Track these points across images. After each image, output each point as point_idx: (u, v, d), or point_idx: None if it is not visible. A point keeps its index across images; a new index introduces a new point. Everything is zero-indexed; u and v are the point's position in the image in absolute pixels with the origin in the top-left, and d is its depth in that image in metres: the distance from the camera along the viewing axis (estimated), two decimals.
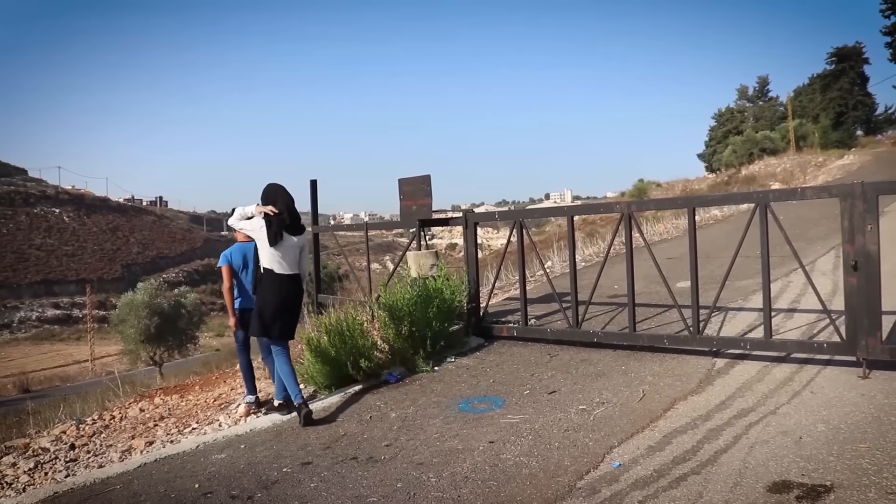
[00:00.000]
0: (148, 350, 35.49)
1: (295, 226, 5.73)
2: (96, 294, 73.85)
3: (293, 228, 5.71)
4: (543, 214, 9.58)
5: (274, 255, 5.64)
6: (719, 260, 10.16)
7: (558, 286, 7.83)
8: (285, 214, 5.64)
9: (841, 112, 65.55)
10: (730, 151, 58.52)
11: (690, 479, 3.74)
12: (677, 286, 8.08)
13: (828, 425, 4.34)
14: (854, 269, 5.24)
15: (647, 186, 52.65)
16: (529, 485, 3.89)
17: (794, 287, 8.50)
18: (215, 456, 4.89)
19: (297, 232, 5.75)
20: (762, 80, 76.06)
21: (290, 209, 5.74)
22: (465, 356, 7.01)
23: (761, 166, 46.37)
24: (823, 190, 5.83)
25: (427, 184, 8.20)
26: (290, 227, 5.68)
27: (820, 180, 31.36)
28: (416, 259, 7.78)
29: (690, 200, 6.76)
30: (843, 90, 66.48)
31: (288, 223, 5.65)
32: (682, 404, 5.00)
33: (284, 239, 5.64)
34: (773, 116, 69.64)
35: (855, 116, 66.51)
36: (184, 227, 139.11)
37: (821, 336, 6.25)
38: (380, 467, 4.36)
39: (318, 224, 10.76)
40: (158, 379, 19.46)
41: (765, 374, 5.52)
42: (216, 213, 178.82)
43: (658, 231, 17.04)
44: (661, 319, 7.48)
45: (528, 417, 5.01)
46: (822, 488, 3.50)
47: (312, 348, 6.43)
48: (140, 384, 11.82)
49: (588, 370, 6.12)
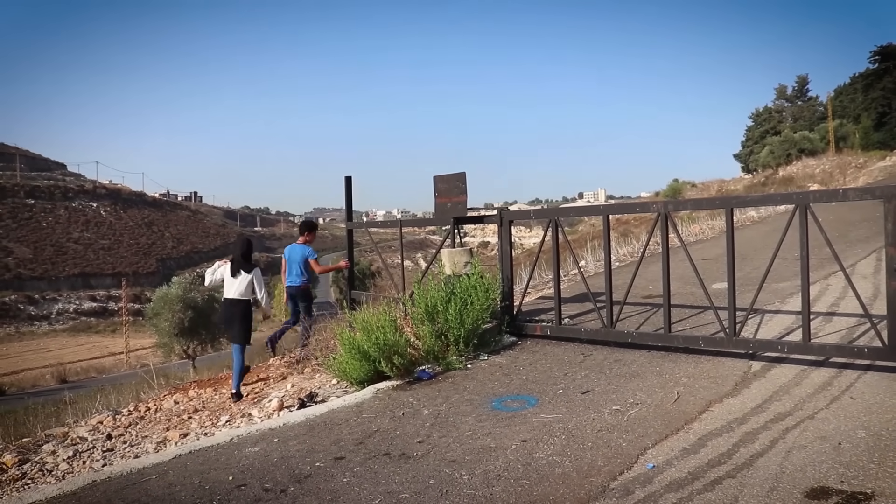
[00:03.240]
0: (181, 343, 35.90)
1: (245, 266, 8.11)
2: (131, 287, 74.89)
3: (244, 268, 8.10)
4: (579, 213, 9.53)
5: (228, 285, 8.15)
6: (756, 262, 10.03)
7: (592, 286, 7.78)
8: (236, 259, 8.17)
9: (883, 112, 64.28)
10: (767, 152, 57.71)
11: (726, 483, 3.69)
12: (713, 287, 7.99)
13: (868, 432, 4.26)
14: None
15: (682, 186, 52.15)
16: (562, 484, 3.86)
17: (833, 290, 8.36)
18: (249, 449, 4.92)
19: (247, 270, 8.10)
20: (801, 79, 74.90)
21: (243, 255, 8.27)
22: (498, 354, 6.99)
23: (799, 167, 45.73)
24: (866, 191, 5.73)
25: (462, 181, 8.19)
26: (242, 267, 8.09)
27: (860, 182, 30.83)
28: (450, 256, 7.77)
29: (728, 201, 6.68)
30: (887, 90, 65.14)
31: (240, 264, 8.10)
32: (717, 407, 4.94)
33: (239, 275, 8.03)
34: (813, 116, 68.55)
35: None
36: (218, 222, 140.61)
37: (861, 340, 6.14)
38: (412, 464, 4.36)
39: (351, 220, 10.80)
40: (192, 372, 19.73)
41: (802, 378, 5.44)
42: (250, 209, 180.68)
43: (693, 232, 16.88)
44: (696, 321, 7.40)
45: (561, 417, 4.99)
46: (863, 496, 3.43)
47: (346, 344, 6.46)
48: (174, 377, 11.96)
49: (622, 370, 6.08)
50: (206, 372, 15.88)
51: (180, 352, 36.12)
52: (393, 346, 6.26)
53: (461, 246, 8.72)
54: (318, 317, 9.39)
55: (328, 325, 8.74)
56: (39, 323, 79.70)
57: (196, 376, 13.15)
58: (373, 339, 6.26)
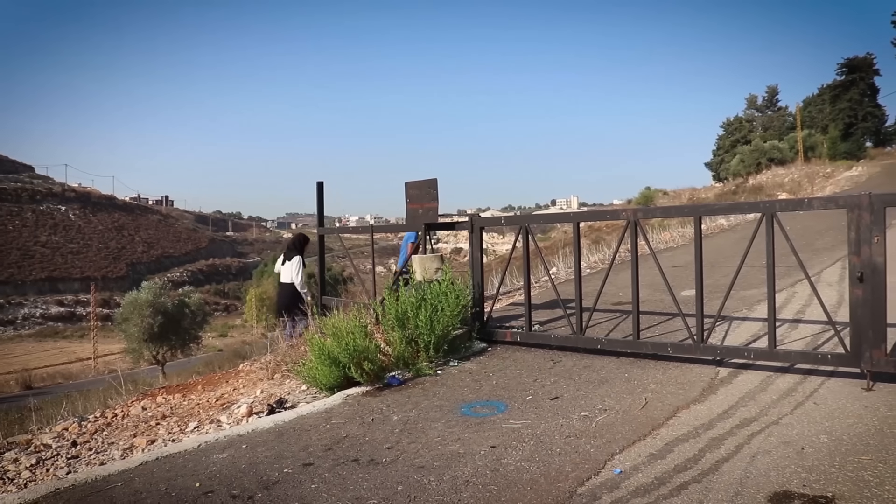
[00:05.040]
0: (151, 349, 35.59)
1: (290, 254, 10.08)
2: (100, 292, 74.05)
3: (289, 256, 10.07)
4: (549, 220, 9.56)
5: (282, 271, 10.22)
6: (725, 269, 10.15)
7: (563, 292, 7.82)
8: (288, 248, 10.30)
9: (850, 123, 65.44)
10: (737, 161, 58.44)
11: (691, 488, 3.73)
12: (682, 294, 8.07)
13: (830, 437, 4.32)
14: (860, 280, 5.22)
15: (654, 194, 52.61)
16: (530, 490, 3.88)
17: (800, 297, 8.49)
18: (217, 455, 4.88)
19: (289, 258, 10.06)
20: (771, 89, 76.03)
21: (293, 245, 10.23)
22: (469, 360, 7.01)
23: (769, 176, 46.35)
24: (830, 201, 5.81)
25: (434, 187, 8.20)
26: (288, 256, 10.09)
27: (828, 191, 31.30)
28: (421, 262, 7.78)
29: (697, 209, 6.76)
30: (853, 101, 66.36)
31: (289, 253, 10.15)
32: (684, 412, 4.98)
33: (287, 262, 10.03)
34: (782, 126, 69.55)
35: (864, 128, 66.40)
36: (189, 226, 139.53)
37: (825, 347, 6.24)
38: (381, 470, 4.35)
39: (323, 226, 10.76)
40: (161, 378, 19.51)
41: (768, 384, 5.51)
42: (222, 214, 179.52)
43: (664, 239, 17.05)
44: (665, 327, 7.47)
45: (530, 423, 5.00)
46: (824, 500, 3.48)
47: (316, 350, 6.43)
48: (143, 383, 11.82)
49: (591, 377, 6.11)
50: (175, 378, 15.73)
51: (150, 357, 35.78)
52: (363, 352, 6.24)
53: (432, 252, 8.72)
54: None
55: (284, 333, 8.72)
56: (4, 328, 78.53)
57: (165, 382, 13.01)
58: (343, 344, 6.24)
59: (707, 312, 6.26)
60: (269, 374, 8.00)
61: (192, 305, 41.81)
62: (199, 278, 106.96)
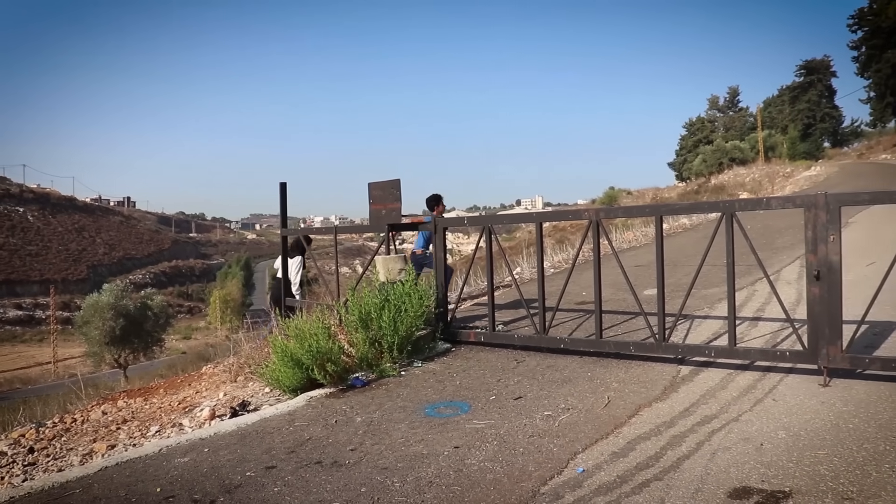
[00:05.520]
0: (112, 352, 35.12)
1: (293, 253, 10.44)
2: (60, 295, 72.88)
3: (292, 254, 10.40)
4: (512, 220, 9.61)
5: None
6: (687, 268, 10.27)
7: (527, 292, 7.84)
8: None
9: (809, 124, 66.73)
10: (700, 161, 59.21)
11: (653, 486, 3.76)
12: (645, 293, 8.14)
13: (788, 432, 4.39)
14: (816, 278, 5.31)
15: (618, 194, 53.12)
16: (493, 490, 3.88)
17: (760, 296, 8.60)
18: (178, 459, 4.82)
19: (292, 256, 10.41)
20: (733, 90, 77.17)
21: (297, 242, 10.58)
22: (433, 361, 7.00)
23: (730, 176, 47.01)
24: (788, 200, 5.90)
25: (397, 188, 8.18)
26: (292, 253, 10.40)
27: (787, 190, 31.80)
28: (384, 263, 7.75)
29: (658, 209, 6.82)
30: (812, 102, 67.68)
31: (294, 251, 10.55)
32: (646, 411, 5.03)
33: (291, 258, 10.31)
34: (743, 127, 70.63)
35: (822, 128, 67.75)
36: (152, 228, 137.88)
37: (784, 344, 6.33)
38: (344, 472, 4.32)
39: (286, 227, 10.67)
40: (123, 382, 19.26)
41: (728, 382, 5.57)
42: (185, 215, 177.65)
43: (627, 239, 17.20)
44: (627, 326, 7.53)
45: (493, 423, 5.01)
46: (781, 494, 3.53)
47: (278, 351, 6.39)
48: (104, 387, 11.68)
49: (554, 376, 6.14)
50: (137, 381, 15.52)
51: (111, 361, 35.30)
52: (326, 353, 6.21)
53: (397, 253, 8.71)
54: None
55: (261, 332, 8.65)
56: None
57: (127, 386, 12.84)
58: (306, 346, 6.20)
59: (669, 311, 6.32)
60: (233, 377, 7.94)
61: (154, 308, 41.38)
62: (162, 280, 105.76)
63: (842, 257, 5.28)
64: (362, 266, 9.89)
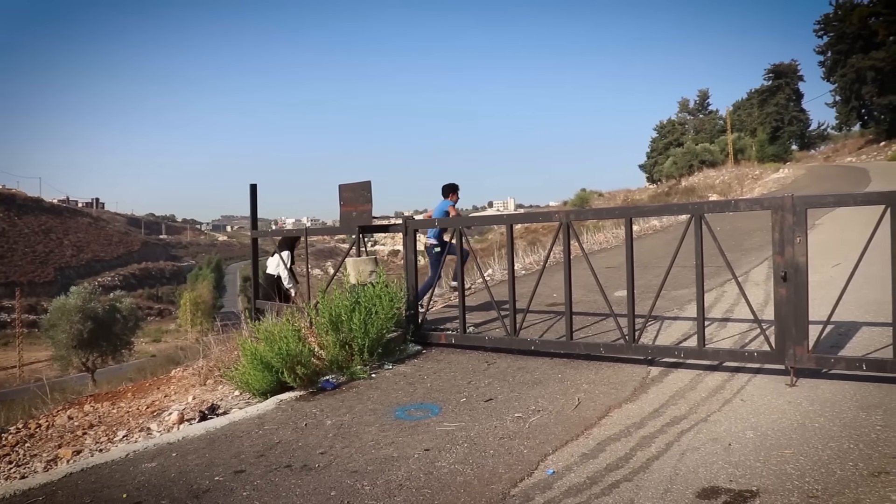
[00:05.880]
0: (80, 356, 34.68)
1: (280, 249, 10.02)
2: (26, 298, 71.76)
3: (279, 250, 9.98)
4: (483, 222, 9.62)
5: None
6: (657, 269, 10.32)
7: (498, 294, 7.85)
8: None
9: (777, 127, 67.64)
10: (670, 163, 59.73)
11: (623, 486, 3.77)
12: (615, 295, 8.18)
13: (756, 432, 4.43)
14: (784, 279, 5.37)
15: (590, 196, 53.42)
16: (464, 492, 3.87)
17: (729, 297, 8.68)
18: (145, 465, 4.75)
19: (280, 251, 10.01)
20: (703, 93, 78.06)
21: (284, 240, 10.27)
22: (403, 363, 6.97)
23: (701, 178, 47.46)
24: (755, 202, 5.97)
25: (367, 190, 8.15)
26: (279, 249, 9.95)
27: (756, 192, 32.17)
28: (355, 265, 7.71)
29: (627, 211, 6.86)
30: (780, 106, 68.61)
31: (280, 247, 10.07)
32: (616, 412, 5.05)
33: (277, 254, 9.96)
34: (713, 129, 71.39)
35: (790, 131, 68.69)
36: (121, 229, 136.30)
37: (752, 345, 6.38)
38: (314, 475, 4.30)
39: (256, 229, 10.61)
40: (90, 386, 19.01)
41: (697, 383, 5.61)
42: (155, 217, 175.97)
43: (599, 240, 17.26)
44: (597, 328, 7.55)
45: (464, 425, 5.01)
46: (749, 493, 3.56)
47: (248, 354, 6.33)
48: (70, 391, 11.46)
49: (525, 378, 6.14)
50: (105, 385, 15.33)
51: (79, 364, 34.85)
52: (296, 356, 6.17)
53: (368, 254, 8.68)
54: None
55: (232, 335, 8.58)
56: None
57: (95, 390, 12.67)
58: (276, 349, 6.15)
59: (639, 312, 6.35)
60: (202, 380, 7.86)
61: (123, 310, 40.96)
62: (132, 282, 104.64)
63: (808, 259, 5.35)
64: (333, 268, 9.88)
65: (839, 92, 58.54)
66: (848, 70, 55.73)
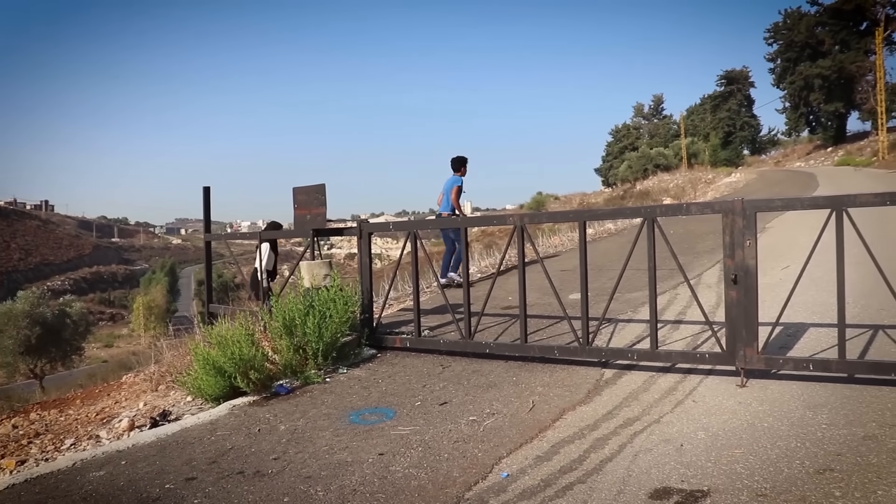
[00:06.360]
0: (27, 362, 33.87)
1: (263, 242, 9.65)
2: None
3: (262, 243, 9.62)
4: (438, 225, 9.56)
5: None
6: (612, 272, 10.41)
7: (452, 297, 7.85)
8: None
9: (729, 132, 68.95)
10: (625, 167, 60.47)
11: (576, 488, 3.79)
12: (570, 298, 8.24)
13: (707, 432, 4.49)
14: (734, 282, 5.45)
15: (546, 199, 53.80)
16: (418, 497, 3.86)
17: (682, 299, 8.79)
18: (93, 474, 4.65)
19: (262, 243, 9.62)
20: (657, 98, 79.30)
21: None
22: (358, 367, 6.93)
23: (655, 181, 48.11)
24: (707, 206, 6.06)
25: (322, 193, 8.10)
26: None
27: (709, 196, 32.67)
28: (309, 269, 7.65)
29: (581, 214, 6.91)
30: (732, 111, 69.95)
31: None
32: (570, 414, 5.07)
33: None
34: (667, 134, 72.54)
35: (742, 136, 70.11)
36: (71, 232, 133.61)
37: (703, 347, 6.48)
38: (266, 481, 4.24)
39: (210, 232, 10.47)
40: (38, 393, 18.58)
41: (651, 384, 5.67)
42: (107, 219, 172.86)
43: (553, 244, 17.36)
44: (553, 331, 7.59)
45: (418, 429, 4.99)
46: (700, 493, 3.61)
47: (200, 359, 6.24)
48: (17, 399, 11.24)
49: (480, 381, 6.15)
50: (54, 392, 14.99)
51: (26, 371, 34.02)
52: (249, 360, 6.09)
53: (323, 258, 8.62)
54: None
55: (185, 340, 8.46)
56: None
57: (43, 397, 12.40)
58: (228, 353, 6.06)
59: (593, 315, 6.40)
60: (154, 386, 7.74)
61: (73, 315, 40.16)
62: (83, 287, 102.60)
63: (758, 261, 5.44)
64: (288, 271, 9.75)
65: (788, 98, 59.97)
66: (796, 77, 57.10)
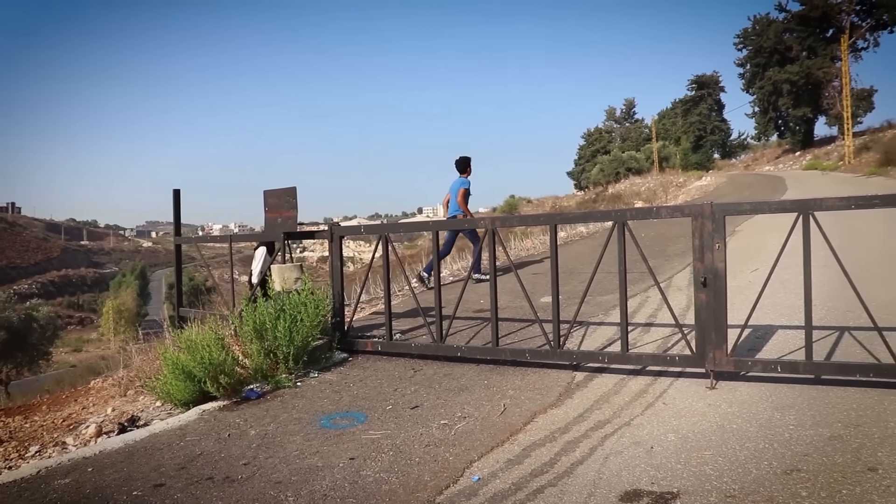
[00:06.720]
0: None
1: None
2: None
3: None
4: (410, 229, 9.59)
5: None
6: (583, 275, 10.45)
7: (424, 301, 7.84)
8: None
9: (700, 136, 69.68)
10: (598, 170, 60.89)
11: (547, 492, 3.80)
12: (541, 301, 8.27)
13: (677, 435, 4.51)
14: (703, 285, 5.50)
15: (519, 202, 53.93)
16: (389, 501, 3.84)
17: (653, 302, 8.84)
18: (59, 481, 4.57)
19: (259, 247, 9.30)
20: (629, 102, 79.93)
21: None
22: (329, 371, 6.89)
23: (627, 185, 48.50)
24: (676, 210, 6.10)
25: (293, 196, 8.06)
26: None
27: (680, 199, 32.97)
28: (280, 272, 7.61)
29: (552, 217, 6.94)
30: (703, 115, 70.71)
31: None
32: (541, 417, 5.08)
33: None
34: (639, 138, 73.13)
35: (712, 140, 70.87)
36: (39, 235, 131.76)
37: (674, 349, 6.51)
38: (236, 487, 4.20)
39: (180, 235, 10.38)
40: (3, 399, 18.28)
41: (621, 387, 5.69)
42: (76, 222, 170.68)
43: (526, 247, 17.41)
44: (524, 334, 7.60)
45: (389, 433, 4.97)
46: (670, 495, 3.63)
47: (169, 364, 6.17)
48: None
49: (451, 385, 6.14)
50: (20, 398, 14.77)
51: None
52: (219, 365, 6.03)
53: (294, 261, 8.57)
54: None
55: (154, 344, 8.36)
56: None
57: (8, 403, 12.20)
58: (198, 358, 6.00)
59: (564, 318, 6.41)
60: (122, 391, 7.64)
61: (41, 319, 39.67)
62: (51, 290, 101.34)
63: (727, 264, 5.49)
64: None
65: (758, 103, 60.70)
66: (765, 82, 57.81)
